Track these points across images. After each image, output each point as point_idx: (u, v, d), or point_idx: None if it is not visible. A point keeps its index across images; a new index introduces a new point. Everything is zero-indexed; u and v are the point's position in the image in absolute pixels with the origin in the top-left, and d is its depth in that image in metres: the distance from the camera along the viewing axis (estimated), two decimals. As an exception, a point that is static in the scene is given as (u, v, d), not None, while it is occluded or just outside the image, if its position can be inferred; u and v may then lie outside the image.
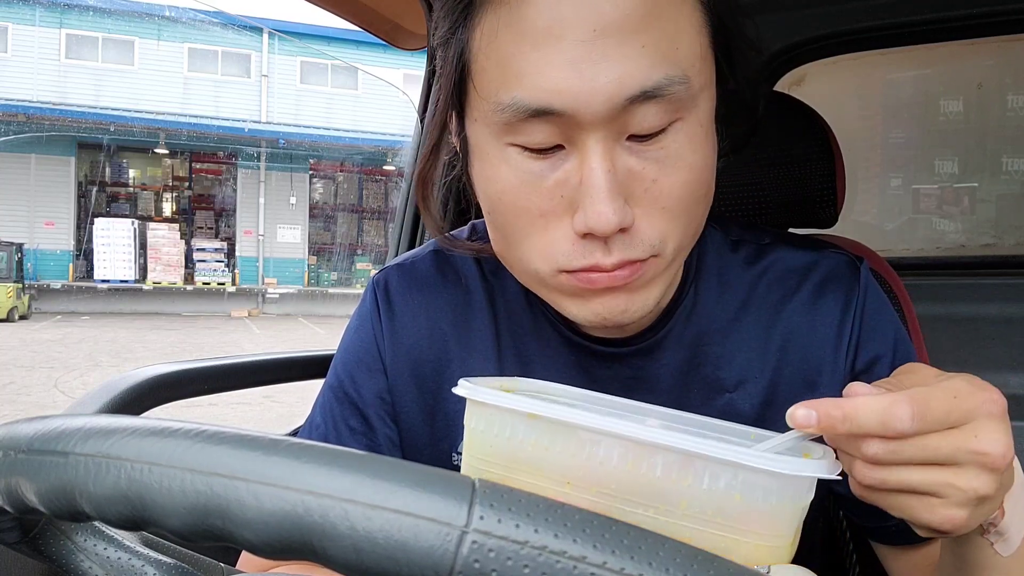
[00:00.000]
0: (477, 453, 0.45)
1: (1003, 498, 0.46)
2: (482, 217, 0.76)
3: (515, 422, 0.43)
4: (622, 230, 0.52)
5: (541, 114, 0.50)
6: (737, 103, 0.59)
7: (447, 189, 1.44)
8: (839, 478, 0.41)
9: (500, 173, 0.55)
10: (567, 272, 0.55)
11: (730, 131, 0.60)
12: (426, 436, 0.69)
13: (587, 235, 0.53)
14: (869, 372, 0.64)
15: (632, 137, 0.52)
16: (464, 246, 0.69)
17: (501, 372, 0.68)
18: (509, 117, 0.52)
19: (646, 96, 0.50)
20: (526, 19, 0.50)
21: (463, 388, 0.45)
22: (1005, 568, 0.49)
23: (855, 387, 0.44)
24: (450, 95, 0.57)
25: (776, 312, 0.66)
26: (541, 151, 0.53)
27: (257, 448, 0.27)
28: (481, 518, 0.25)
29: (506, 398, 0.43)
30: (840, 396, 0.64)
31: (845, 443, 0.44)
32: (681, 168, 0.53)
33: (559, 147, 0.52)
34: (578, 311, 0.58)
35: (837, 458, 0.44)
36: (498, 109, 0.52)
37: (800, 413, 0.42)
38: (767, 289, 0.66)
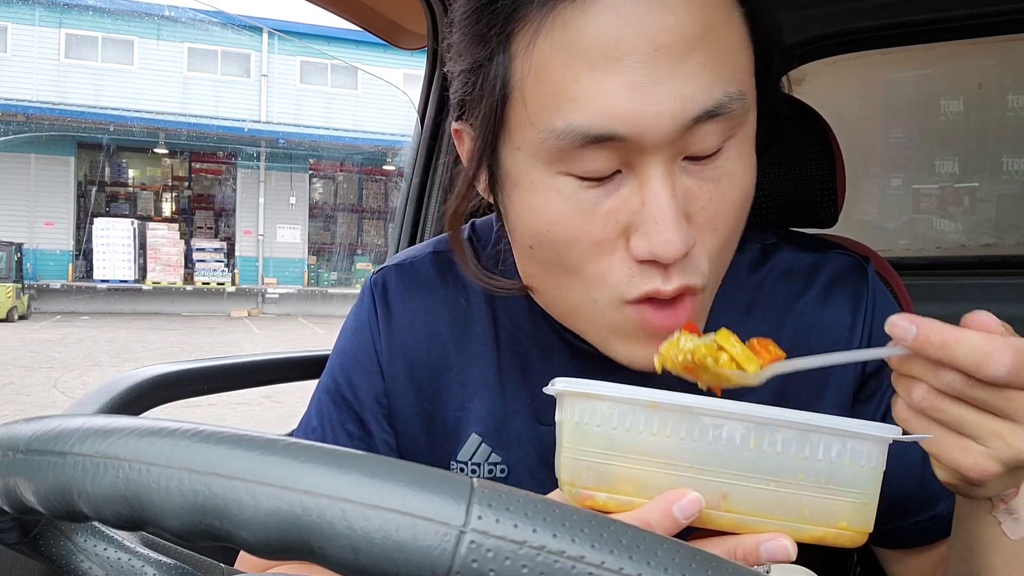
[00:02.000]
0: (590, 446, 0.44)
1: None
2: (483, 216, 0.75)
3: (635, 412, 0.44)
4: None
5: (601, 140, 0.48)
6: (768, 110, 0.58)
7: (446, 190, 1.44)
8: (931, 436, 0.45)
9: (549, 203, 0.51)
10: (629, 303, 0.53)
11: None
12: (423, 442, 0.67)
13: (647, 261, 0.51)
14: (879, 375, 0.64)
15: (688, 158, 0.50)
16: (504, 286, 0.62)
17: (501, 378, 0.66)
18: (565, 144, 0.49)
19: (708, 115, 0.48)
20: (581, 41, 0.48)
21: (564, 383, 0.45)
22: (1012, 553, 0.49)
23: (975, 316, 0.43)
24: (489, 124, 0.53)
25: (784, 313, 0.65)
26: (597, 179, 0.50)
27: (255, 448, 0.27)
28: (479, 518, 0.25)
29: (624, 389, 0.44)
30: (847, 402, 0.64)
31: (921, 366, 0.44)
32: (735, 186, 0.52)
33: (616, 172, 0.50)
34: (629, 353, 0.56)
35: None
36: (551, 136, 0.49)
37: (902, 325, 0.43)
38: (773, 290, 0.66)
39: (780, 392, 0.64)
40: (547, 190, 0.51)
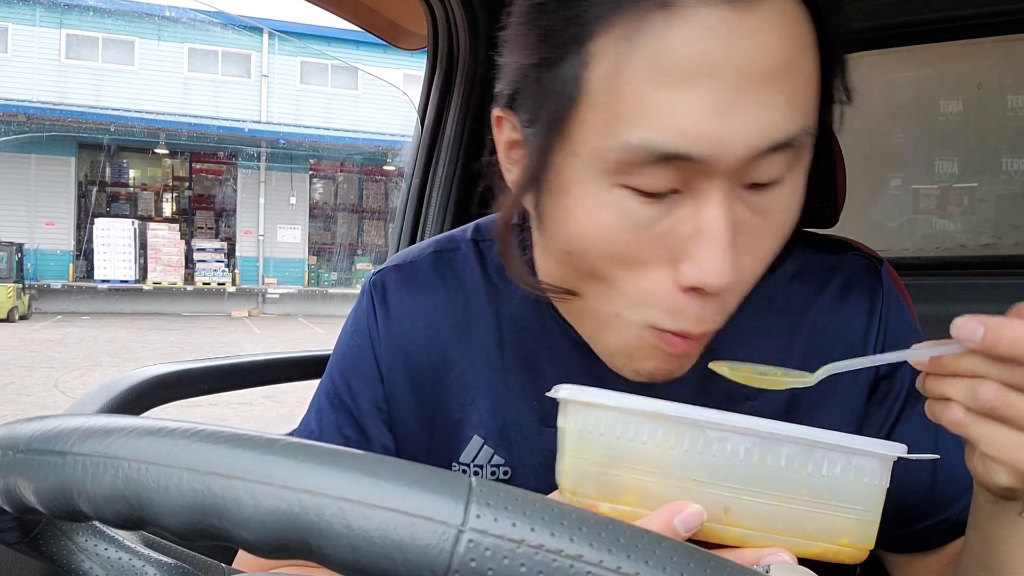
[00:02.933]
0: (593, 455, 0.44)
1: None
2: (486, 214, 0.74)
3: (639, 423, 0.44)
4: None
5: (670, 159, 0.46)
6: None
7: (446, 190, 1.44)
8: (937, 456, 0.46)
9: (600, 216, 0.49)
10: (655, 329, 0.52)
11: None
12: (424, 445, 0.67)
13: (691, 289, 0.49)
14: (892, 377, 0.63)
15: (747, 186, 0.49)
16: (550, 290, 0.59)
17: (505, 379, 0.65)
18: (632, 158, 0.47)
19: (779, 147, 0.47)
20: (667, 53, 0.45)
21: (567, 390, 0.44)
22: None
23: None
24: (550, 126, 0.50)
25: (799, 316, 0.64)
26: (654, 195, 0.48)
27: (254, 447, 0.27)
28: (477, 517, 0.25)
29: (628, 399, 0.44)
30: (859, 404, 0.64)
31: (986, 364, 0.43)
32: (782, 220, 0.51)
33: (673, 191, 0.48)
34: (626, 365, 0.55)
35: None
36: (620, 148, 0.47)
37: (967, 327, 0.42)
38: (788, 291, 0.65)
39: (792, 400, 0.63)
40: (600, 202, 0.49)
